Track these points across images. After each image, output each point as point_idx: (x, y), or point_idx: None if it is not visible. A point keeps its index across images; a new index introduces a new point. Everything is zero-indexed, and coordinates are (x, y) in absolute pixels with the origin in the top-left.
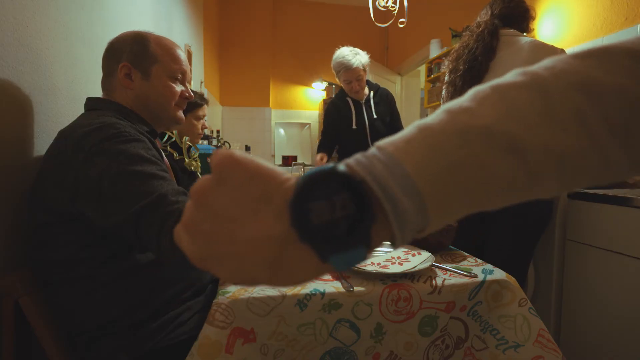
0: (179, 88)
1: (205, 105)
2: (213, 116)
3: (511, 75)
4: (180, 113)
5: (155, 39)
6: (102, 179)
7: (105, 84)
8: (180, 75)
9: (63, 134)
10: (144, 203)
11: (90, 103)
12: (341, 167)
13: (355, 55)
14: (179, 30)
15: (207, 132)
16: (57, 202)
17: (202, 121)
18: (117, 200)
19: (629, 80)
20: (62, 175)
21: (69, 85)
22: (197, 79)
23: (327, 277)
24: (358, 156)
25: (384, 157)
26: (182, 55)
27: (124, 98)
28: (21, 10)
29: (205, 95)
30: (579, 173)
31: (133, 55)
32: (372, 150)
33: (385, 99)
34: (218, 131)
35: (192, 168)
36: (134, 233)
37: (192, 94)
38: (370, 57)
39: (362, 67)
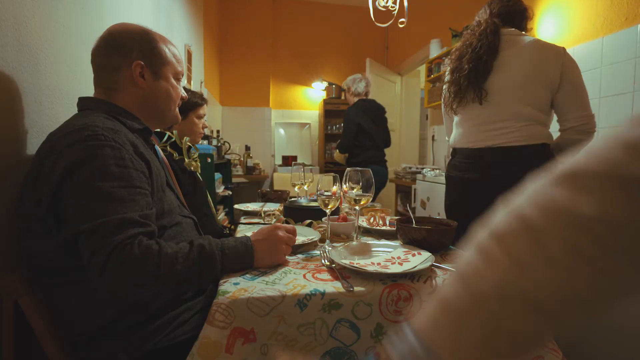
0: (180, 89)
1: (205, 105)
2: (213, 116)
3: (505, 219)
4: (178, 112)
5: (160, 38)
6: (59, 185)
7: (106, 80)
8: (181, 76)
9: (49, 136)
10: (86, 227)
11: (82, 103)
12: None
13: None
14: (178, 30)
15: (207, 131)
16: (35, 205)
17: (202, 120)
18: (66, 214)
19: (609, 207)
20: (35, 178)
21: (69, 85)
22: (197, 79)
23: (327, 277)
24: (394, 339)
25: (419, 347)
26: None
27: (130, 96)
28: (21, 10)
29: (205, 95)
30: (599, 303)
31: (144, 53)
32: (406, 330)
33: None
34: (218, 131)
35: (192, 168)
36: (78, 251)
37: (186, 94)
38: (369, 58)
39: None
